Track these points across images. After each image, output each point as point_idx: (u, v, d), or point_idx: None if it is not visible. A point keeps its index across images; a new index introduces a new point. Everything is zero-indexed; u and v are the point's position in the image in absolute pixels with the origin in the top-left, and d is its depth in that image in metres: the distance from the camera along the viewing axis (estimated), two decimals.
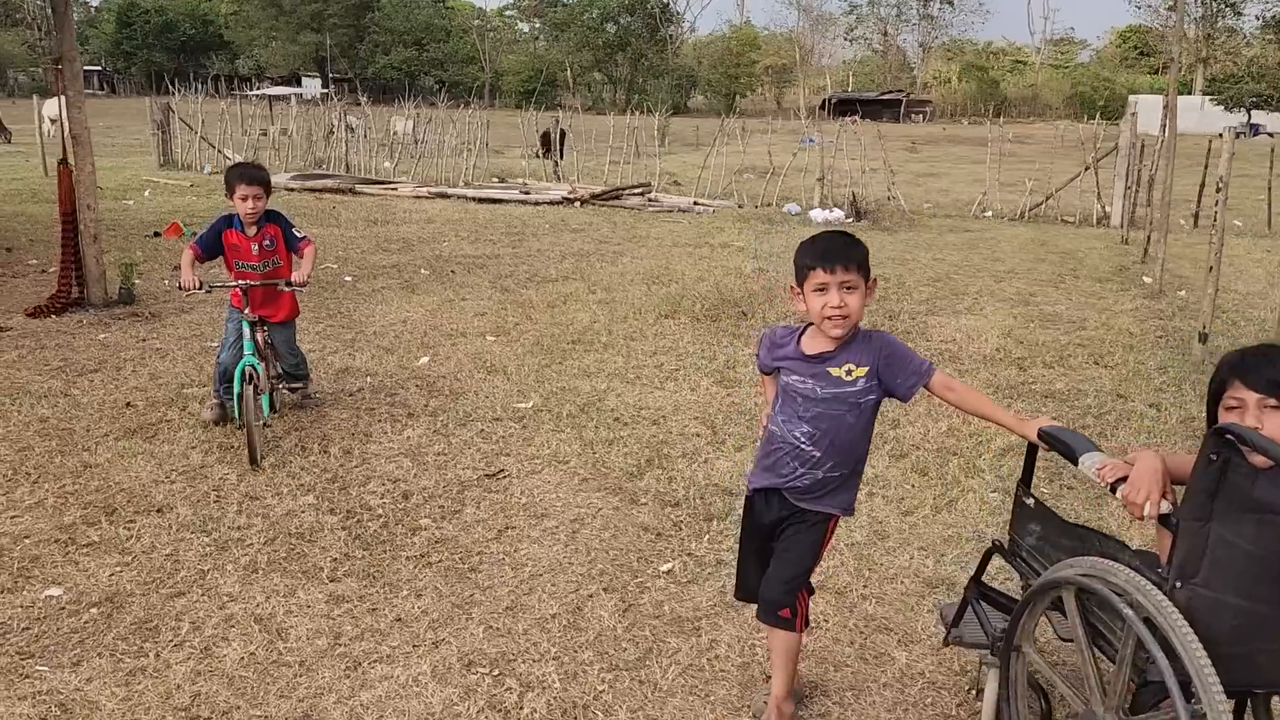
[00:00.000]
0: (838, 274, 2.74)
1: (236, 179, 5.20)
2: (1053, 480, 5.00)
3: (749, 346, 7.59)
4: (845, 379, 2.84)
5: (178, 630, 3.49)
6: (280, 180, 18.74)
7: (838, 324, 2.77)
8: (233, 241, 5.31)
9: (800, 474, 2.90)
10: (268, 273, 5.36)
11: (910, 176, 24.31)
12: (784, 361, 2.92)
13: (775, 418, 2.96)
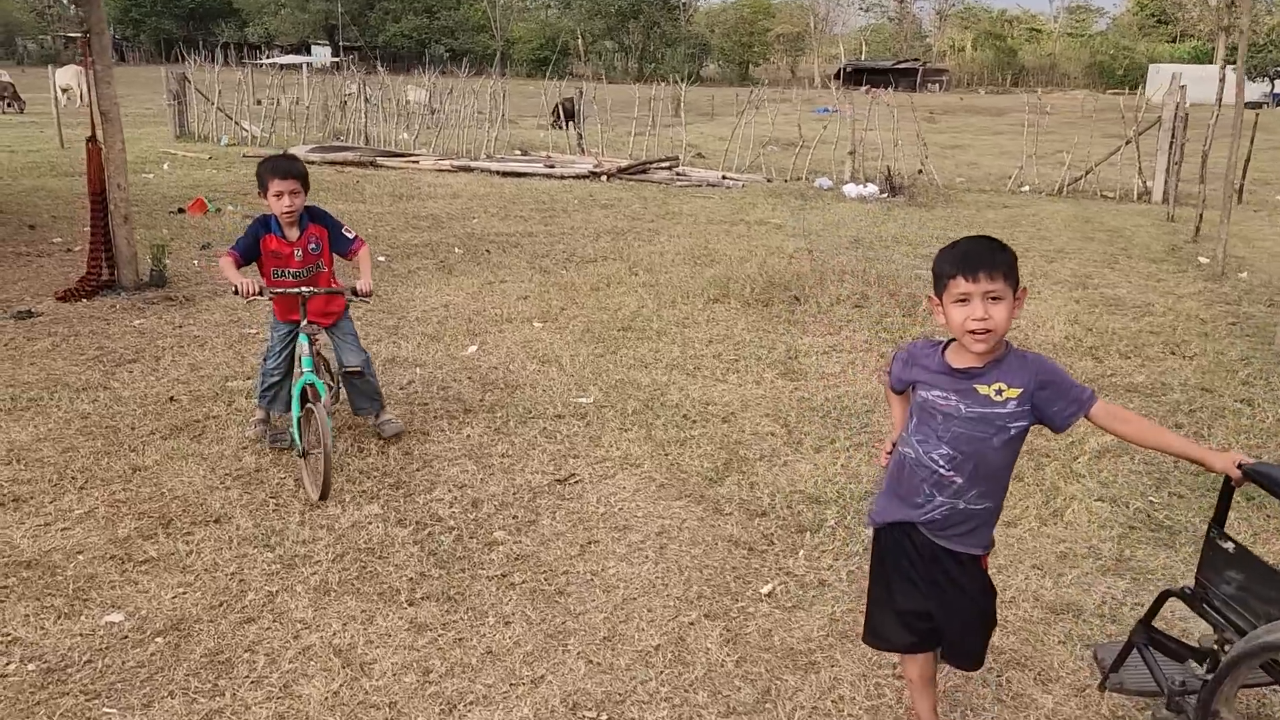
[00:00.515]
0: (981, 283, 2.46)
1: (268, 173, 4.49)
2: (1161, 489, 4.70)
3: (807, 335, 7.29)
4: (995, 399, 2.54)
5: (252, 664, 3.22)
6: (300, 153, 18.41)
7: (981, 339, 2.49)
8: (272, 248, 4.60)
9: (939, 503, 2.62)
10: (309, 279, 4.71)
11: (935, 149, 23.83)
12: (923, 375, 2.63)
13: (908, 439, 2.68)
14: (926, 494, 2.62)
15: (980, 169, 20.28)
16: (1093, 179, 16.58)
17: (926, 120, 35.71)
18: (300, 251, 4.65)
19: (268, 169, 4.53)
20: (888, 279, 9.15)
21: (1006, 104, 46.99)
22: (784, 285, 8.74)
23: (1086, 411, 2.52)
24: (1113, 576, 3.89)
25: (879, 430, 5.40)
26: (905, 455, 2.67)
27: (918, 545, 2.67)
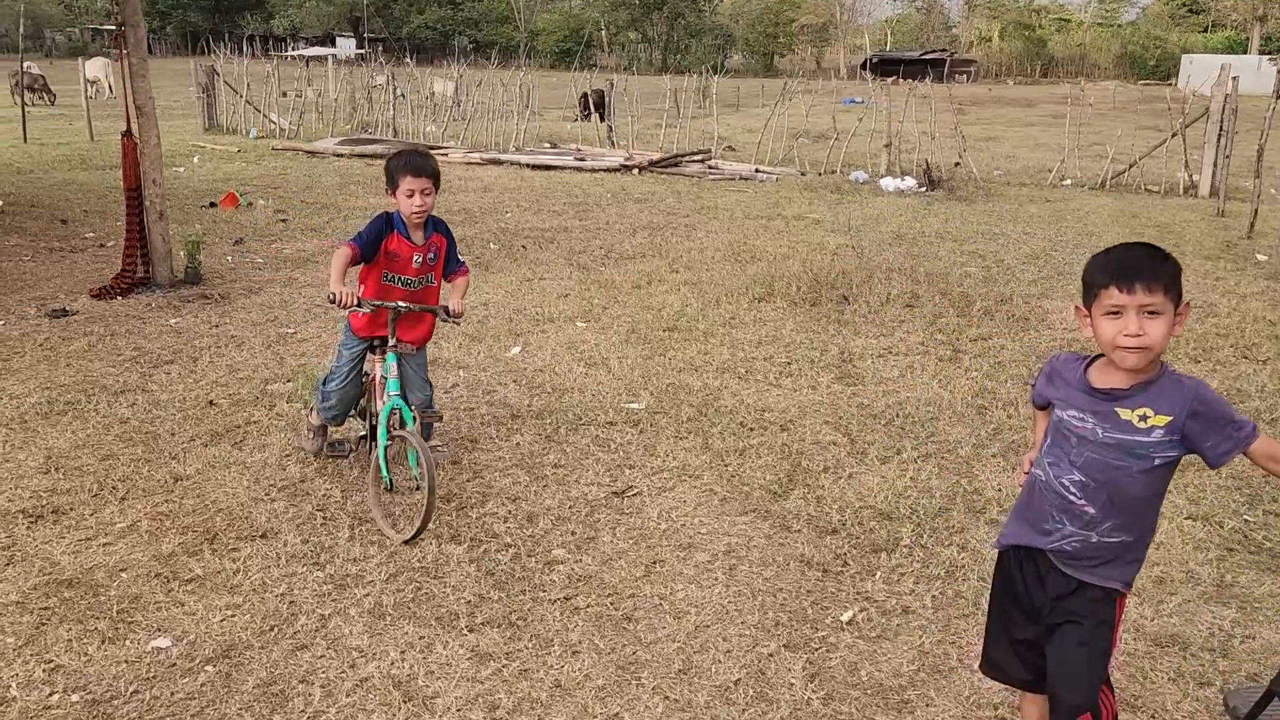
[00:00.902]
0: (1137, 295, 2.22)
1: (401, 170, 4.09)
2: (1254, 505, 4.44)
3: (859, 336, 7.04)
4: (1138, 425, 2.30)
5: (308, 697, 3.03)
6: (327, 146, 18.28)
7: (1132, 356, 2.25)
8: (392, 248, 4.18)
9: (1069, 534, 2.39)
10: (418, 293, 4.28)
11: (969, 141, 23.42)
12: (1062, 392, 2.41)
13: (1041, 459, 2.46)
14: (1056, 520, 2.40)
15: (1017, 161, 19.89)
16: (1136, 172, 16.19)
17: (957, 112, 35.30)
18: (420, 258, 4.24)
19: (400, 164, 4.14)
20: (937, 277, 8.88)
21: (1036, 95, 46.37)
22: (830, 283, 8.49)
23: (1245, 449, 2.27)
24: (1217, 605, 3.64)
25: (946, 440, 5.16)
26: (1036, 476, 2.46)
27: (1043, 572, 2.45)
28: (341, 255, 4.05)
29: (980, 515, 4.33)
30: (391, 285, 4.25)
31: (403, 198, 4.12)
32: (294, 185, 13.97)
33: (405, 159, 4.18)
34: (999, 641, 2.59)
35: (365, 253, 4.14)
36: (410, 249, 4.21)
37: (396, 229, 4.19)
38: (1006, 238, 11.18)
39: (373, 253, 4.17)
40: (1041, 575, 2.46)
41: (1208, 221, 12.79)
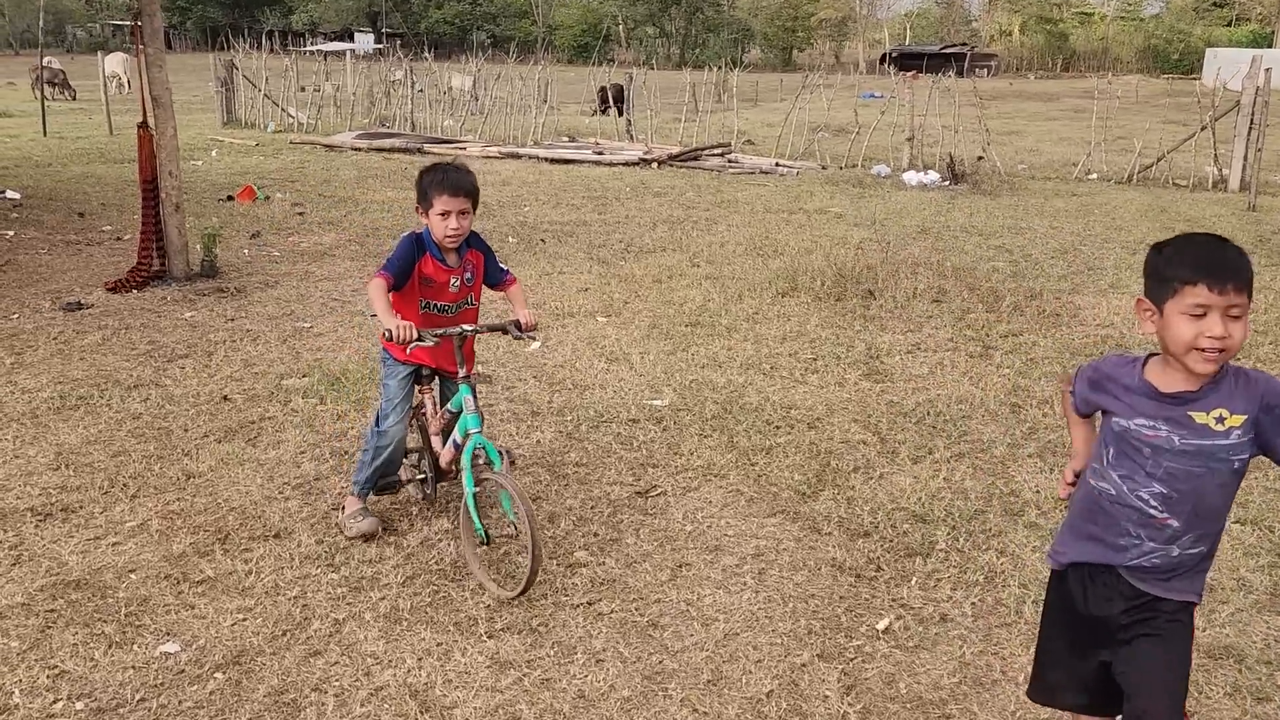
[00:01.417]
0: (1229, 295, 2.06)
1: (437, 187, 3.63)
2: None
3: (886, 332, 6.87)
4: (1215, 428, 2.13)
5: (321, 706, 2.91)
6: (345, 140, 18.21)
7: (1213, 360, 2.09)
8: (427, 273, 3.73)
9: (1150, 550, 2.22)
10: (458, 316, 3.84)
11: (992, 135, 23.16)
12: (1121, 400, 2.23)
13: (1105, 472, 2.27)
14: (1133, 536, 2.24)
15: (1041, 156, 19.61)
16: (1164, 166, 15.90)
17: (978, 106, 34.97)
18: (457, 281, 3.80)
19: (437, 180, 3.64)
20: (964, 272, 8.70)
21: (1058, 89, 45.91)
22: (855, 278, 8.31)
23: None
24: (1271, 614, 3.47)
25: (979, 439, 5.00)
26: (1102, 490, 2.28)
27: (1113, 589, 2.29)
28: (379, 286, 3.60)
29: (1018, 518, 4.17)
30: (429, 314, 3.81)
31: (436, 219, 3.66)
32: (311, 179, 13.90)
33: (442, 174, 3.66)
34: (1056, 664, 2.43)
35: (398, 280, 3.69)
36: (446, 273, 3.76)
37: (429, 251, 3.73)
38: (1033, 232, 10.97)
39: (405, 280, 3.73)
40: (1110, 593, 2.30)
41: (1239, 216, 12.52)
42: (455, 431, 3.72)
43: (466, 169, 3.76)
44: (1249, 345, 6.67)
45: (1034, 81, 57.31)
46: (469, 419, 3.60)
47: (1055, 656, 2.42)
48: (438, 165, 3.75)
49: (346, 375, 5.65)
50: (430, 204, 3.66)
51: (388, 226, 10.39)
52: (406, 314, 3.73)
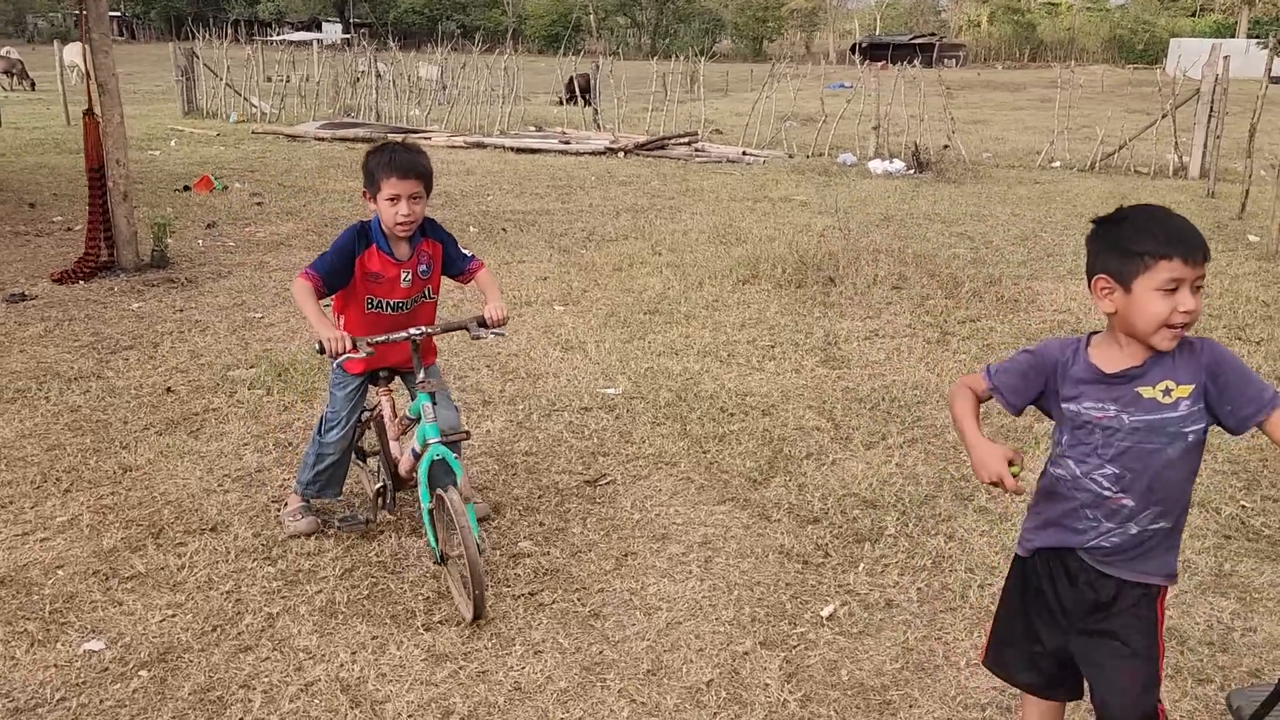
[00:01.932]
0: (1199, 267, 2.02)
1: (385, 169, 3.26)
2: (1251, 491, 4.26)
3: (845, 318, 6.84)
4: (1163, 402, 2.08)
5: (248, 703, 2.83)
6: (308, 130, 17.98)
7: (1179, 335, 2.05)
8: (372, 268, 3.38)
9: (1107, 530, 2.17)
10: (411, 314, 3.51)
11: (958, 124, 23.24)
12: (1069, 383, 2.17)
13: (1061, 459, 2.22)
14: (1090, 519, 2.19)
15: (1006, 144, 19.69)
16: (1125, 154, 16.00)
17: (945, 96, 35.08)
18: (409, 275, 3.43)
19: (384, 163, 3.28)
20: (925, 258, 8.69)
21: (1025, 79, 46.12)
22: (816, 265, 8.28)
23: (1268, 416, 2.07)
24: (1215, 595, 3.47)
25: (933, 425, 4.97)
26: (1060, 476, 2.22)
27: (1075, 573, 2.24)
28: (302, 290, 3.22)
29: (968, 503, 4.14)
30: (379, 313, 3.46)
31: (384, 204, 3.30)
32: (272, 169, 13.70)
33: (390, 154, 3.30)
34: (1013, 643, 2.38)
35: (329, 283, 3.32)
36: (395, 266, 3.40)
37: (375, 243, 3.37)
38: (995, 219, 10.99)
39: (342, 279, 3.36)
40: (1073, 576, 2.24)
41: (1198, 203, 12.61)
42: (413, 439, 3.43)
43: (417, 148, 3.41)
44: (1201, 328, 6.70)
45: (1001, 71, 57.60)
46: (428, 428, 3.29)
47: (1011, 636, 2.38)
48: (385, 145, 3.39)
49: (295, 365, 5.55)
50: (378, 188, 3.30)
51: (347, 216, 10.25)
52: (352, 315, 3.45)
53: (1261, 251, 9.42)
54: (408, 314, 3.51)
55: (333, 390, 3.65)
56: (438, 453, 3.25)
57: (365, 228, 3.41)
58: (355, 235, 3.39)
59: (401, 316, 3.49)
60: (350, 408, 3.63)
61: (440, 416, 3.40)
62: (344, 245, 3.37)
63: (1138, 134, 16.20)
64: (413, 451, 3.45)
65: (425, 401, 3.34)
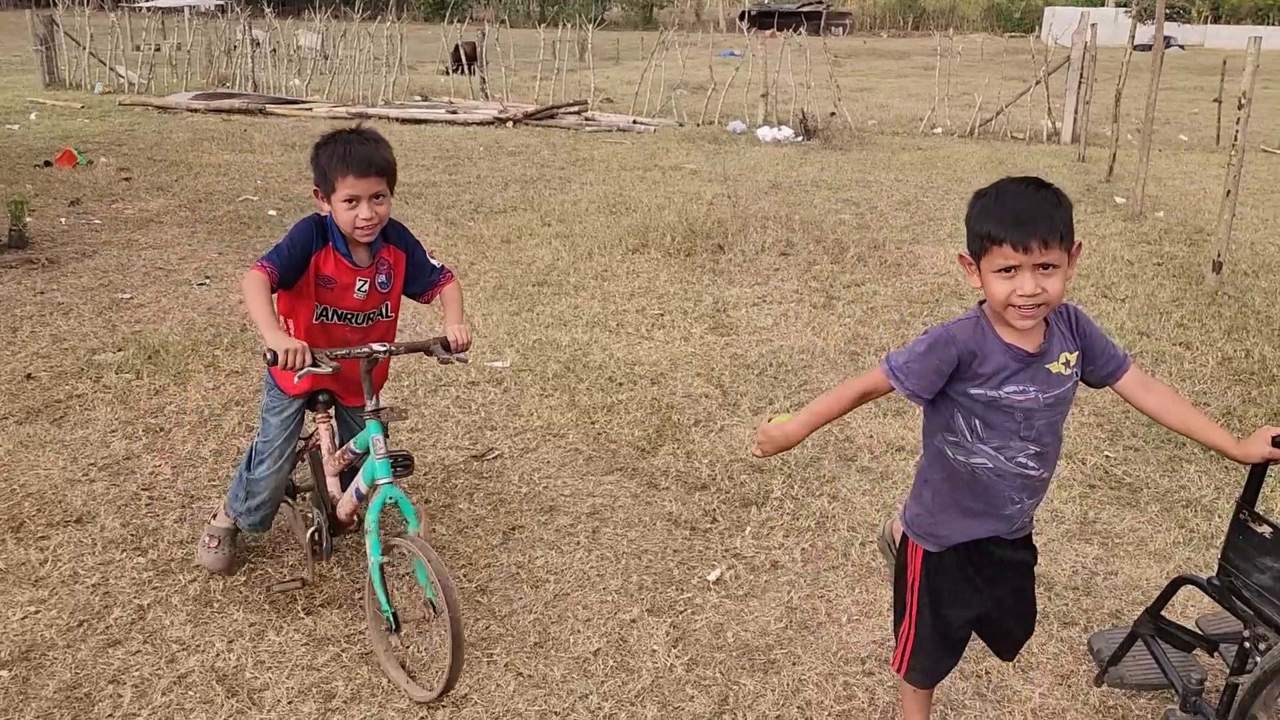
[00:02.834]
0: (1034, 253, 1.96)
1: (340, 166, 2.78)
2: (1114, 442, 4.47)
3: (734, 285, 6.90)
4: (1065, 373, 2.13)
5: (117, 699, 2.72)
6: (180, 101, 17.23)
7: (1030, 315, 2.03)
8: (327, 271, 2.93)
9: (1029, 505, 2.23)
10: (366, 330, 3.05)
11: (845, 92, 23.60)
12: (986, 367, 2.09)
13: (974, 448, 2.15)
14: (1016, 502, 2.20)
15: (890, 111, 20.10)
16: (1003, 120, 16.51)
17: (834, 64, 35.59)
18: (365, 286, 2.97)
19: (339, 158, 2.79)
20: (812, 225, 8.82)
21: (908, 47, 47.14)
22: (705, 233, 8.33)
23: (1122, 376, 2.16)
24: (1080, 542, 3.62)
25: (819, 388, 5.06)
26: (977, 466, 2.16)
27: (989, 553, 2.27)
28: (257, 284, 2.76)
29: (851, 463, 4.23)
30: (329, 324, 3.01)
31: (340, 207, 2.82)
32: (141, 142, 13.07)
33: (345, 148, 2.81)
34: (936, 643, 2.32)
35: (285, 276, 2.86)
36: (351, 273, 2.94)
37: (333, 242, 2.92)
38: (880, 185, 11.22)
39: (296, 276, 2.90)
40: (992, 556, 2.27)
41: (1070, 166, 13.11)
42: (359, 478, 2.95)
43: (377, 137, 2.90)
44: (1071, 287, 6.97)
45: (886, 40, 58.72)
46: (377, 466, 2.81)
47: (937, 633, 2.31)
48: (339, 135, 2.85)
49: (166, 348, 5.33)
50: (332, 187, 2.81)
51: (223, 191, 9.87)
52: (297, 320, 2.98)
53: (1127, 213, 9.84)
54: (361, 331, 3.04)
55: (265, 416, 3.10)
56: (390, 495, 2.80)
57: (323, 222, 2.94)
58: (313, 228, 2.91)
59: (352, 332, 3.03)
60: (286, 436, 3.10)
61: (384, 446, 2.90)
62: (301, 237, 2.89)
63: (1013, 100, 16.72)
64: (356, 492, 2.98)
65: (376, 433, 2.83)
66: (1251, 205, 10.24)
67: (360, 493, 2.98)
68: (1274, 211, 10.15)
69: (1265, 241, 8.63)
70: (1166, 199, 10.84)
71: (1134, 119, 16.25)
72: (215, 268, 7.03)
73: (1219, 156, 14.10)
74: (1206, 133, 16.40)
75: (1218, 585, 2.23)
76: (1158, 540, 3.64)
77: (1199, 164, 13.68)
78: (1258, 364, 5.48)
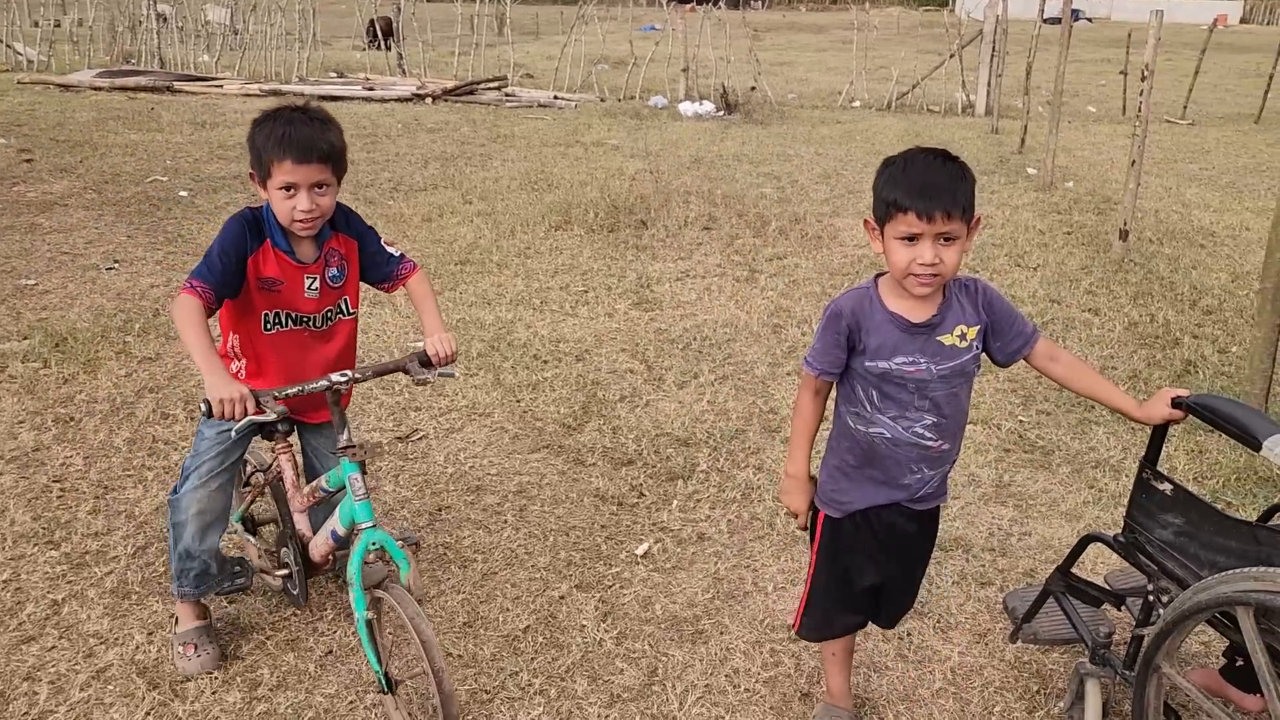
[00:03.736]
0: (937, 223, 2.01)
1: (277, 150, 2.43)
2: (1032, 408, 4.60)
3: (658, 260, 6.92)
4: (960, 346, 2.18)
5: (33, 696, 2.64)
6: (84, 79, 16.58)
7: (927, 284, 2.08)
8: (268, 273, 2.57)
9: (929, 476, 2.27)
10: (328, 333, 2.73)
11: (765, 66, 23.72)
12: (875, 338, 2.14)
13: (873, 418, 2.21)
14: (915, 472, 2.25)
15: (810, 85, 20.26)
16: (919, 94, 16.77)
17: (754, 38, 35.72)
18: (316, 282, 2.63)
19: (276, 141, 2.43)
20: (734, 199, 8.87)
21: (826, 21, 47.49)
22: (628, 209, 8.32)
23: (1030, 348, 2.23)
24: (996, 505, 3.74)
25: (742, 361, 5.11)
26: (875, 435, 2.22)
27: (890, 519, 2.32)
28: (186, 311, 2.39)
29: (776, 434, 4.30)
30: (282, 332, 2.64)
31: (277, 195, 2.48)
32: (42, 122, 12.56)
33: (282, 129, 2.44)
34: (834, 603, 2.41)
35: (221, 292, 2.49)
36: (296, 270, 2.59)
37: (270, 238, 2.56)
38: (800, 159, 11.32)
39: (235, 287, 2.53)
40: (895, 525, 2.33)
41: (983, 139, 13.38)
42: (335, 519, 2.63)
43: (323, 116, 2.53)
44: (985, 256, 7.15)
45: (805, 14, 59.03)
46: (357, 508, 2.47)
47: (831, 595, 2.40)
48: (280, 113, 2.49)
49: (75, 335, 5.15)
50: (267, 172, 2.46)
51: (130, 172, 9.54)
52: (246, 334, 2.63)
53: (1038, 183, 10.09)
54: (321, 334, 2.70)
55: (201, 428, 2.69)
56: (374, 540, 2.43)
57: (256, 217, 2.56)
58: (244, 227, 2.53)
59: (310, 338, 2.68)
60: (220, 455, 2.67)
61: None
62: (231, 240, 2.51)
63: (929, 74, 16.99)
64: (333, 534, 2.65)
65: (354, 472, 2.47)
66: (1155, 175, 10.59)
67: (337, 535, 2.64)
68: (1176, 181, 10.51)
69: (1168, 210, 8.93)
70: (1075, 169, 11.15)
71: (1044, 91, 16.67)
72: (124, 251, 6.81)
73: (1125, 128, 14.53)
74: (1113, 104, 16.87)
75: (1123, 542, 2.32)
76: (1069, 501, 3.78)
77: (1106, 135, 14.07)
78: (1161, 328, 5.68)
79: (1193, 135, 14.08)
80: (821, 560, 2.39)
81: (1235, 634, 1.95)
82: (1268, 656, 1.88)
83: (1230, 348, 5.38)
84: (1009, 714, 2.66)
